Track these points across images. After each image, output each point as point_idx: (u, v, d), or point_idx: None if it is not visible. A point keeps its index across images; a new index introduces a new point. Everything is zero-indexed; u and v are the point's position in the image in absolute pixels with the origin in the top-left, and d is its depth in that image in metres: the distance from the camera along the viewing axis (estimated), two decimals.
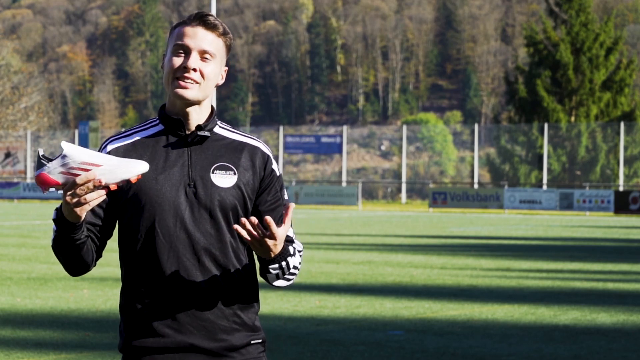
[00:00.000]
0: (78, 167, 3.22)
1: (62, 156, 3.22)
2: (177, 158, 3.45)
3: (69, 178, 3.22)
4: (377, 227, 34.16)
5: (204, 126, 3.47)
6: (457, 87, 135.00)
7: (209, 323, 3.42)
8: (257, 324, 3.53)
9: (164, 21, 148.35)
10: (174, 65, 3.44)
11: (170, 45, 3.48)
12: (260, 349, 3.53)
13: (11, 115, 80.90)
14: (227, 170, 3.46)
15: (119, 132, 3.57)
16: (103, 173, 3.22)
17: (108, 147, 3.50)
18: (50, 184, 3.24)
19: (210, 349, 3.43)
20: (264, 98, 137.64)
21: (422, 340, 10.34)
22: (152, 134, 3.51)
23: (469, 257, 21.30)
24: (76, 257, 3.42)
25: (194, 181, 3.43)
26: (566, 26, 65.96)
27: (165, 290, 3.41)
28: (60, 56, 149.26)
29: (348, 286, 15.25)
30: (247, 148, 3.52)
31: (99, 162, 3.22)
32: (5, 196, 62.55)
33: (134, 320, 3.45)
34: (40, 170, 3.24)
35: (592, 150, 64.10)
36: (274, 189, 3.54)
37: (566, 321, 11.80)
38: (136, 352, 3.45)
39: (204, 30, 3.46)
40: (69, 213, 3.28)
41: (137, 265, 3.43)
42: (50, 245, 3.46)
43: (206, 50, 3.44)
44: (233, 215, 3.46)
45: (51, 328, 10.89)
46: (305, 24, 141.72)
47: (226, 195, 3.43)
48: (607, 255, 22.17)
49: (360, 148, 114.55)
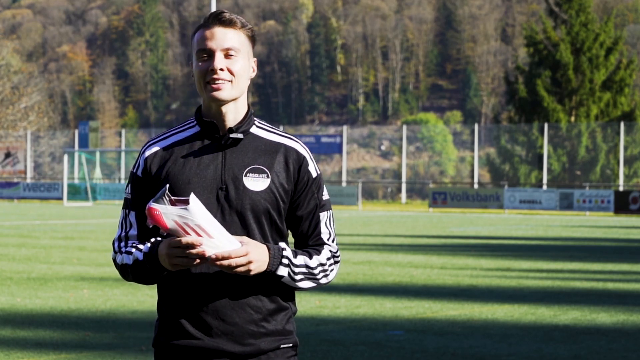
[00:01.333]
0: (193, 227, 3.24)
1: (184, 208, 3.23)
2: (211, 161, 3.44)
3: (179, 231, 3.25)
4: (377, 227, 34.15)
5: (236, 128, 3.44)
6: (457, 87, 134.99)
7: (237, 328, 3.41)
8: (289, 328, 3.50)
9: (164, 21, 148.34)
10: (202, 70, 3.42)
11: (194, 53, 3.46)
12: (290, 353, 3.50)
13: (11, 115, 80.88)
14: (260, 173, 3.43)
15: (157, 134, 3.58)
16: (210, 245, 3.24)
17: (146, 152, 3.51)
18: (159, 224, 3.25)
19: (238, 353, 3.42)
20: (264, 98, 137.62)
21: (422, 340, 10.34)
22: (188, 135, 3.50)
23: (469, 257, 21.30)
24: (149, 281, 3.48)
25: (225, 184, 3.41)
26: (566, 26, 65.96)
27: (194, 293, 3.42)
28: (60, 56, 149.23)
29: (348, 286, 15.25)
30: (282, 149, 3.48)
31: (212, 234, 3.24)
32: (5, 196, 62.52)
33: (167, 319, 3.47)
34: (156, 205, 3.25)
35: (592, 150, 64.10)
36: (310, 192, 3.50)
37: (566, 321, 11.80)
38: (167, 350, 3.47)
39: (222, 29, 3.43)
40: (163, 260, 3.33)
41: (169, 270, 3.42)
42: (119, 264, 3.50)
43: (229, 47, 3.42)
44: (266, 219, 3.43)
45: (51, 328, 10.89)
46: (305, 24, 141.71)
47: (258, 199, 3.40)
48: (607, 255, 22.16)
49: (360, 148, 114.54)
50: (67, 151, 59.98)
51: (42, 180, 72.66)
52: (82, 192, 60.33)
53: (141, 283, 3.48)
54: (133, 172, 3.52)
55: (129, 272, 3.46)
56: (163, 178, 3.43)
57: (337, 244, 3.58)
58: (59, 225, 33.30)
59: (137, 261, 3.41)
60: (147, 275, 3.42)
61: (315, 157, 78.57)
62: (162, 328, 3.49)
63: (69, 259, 19.55)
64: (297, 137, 3.58)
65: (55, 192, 61.26)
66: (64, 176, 58.36)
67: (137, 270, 3.43)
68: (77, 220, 37.23)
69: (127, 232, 3.51)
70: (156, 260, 3.35)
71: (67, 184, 58.98)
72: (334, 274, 3.53)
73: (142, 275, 3.43)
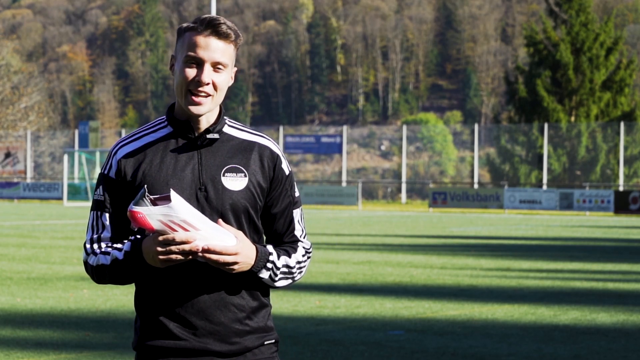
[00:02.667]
0: (179, 223, 3.23)
1: (167, 206, 3.21)
2: (187, 161, 3.43)
3: (166, 230, 3.23)
4: (377, 227, 34.15)
5: (212, 128, 3.44)
6: (457, 87, 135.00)
7: (222, 327, 3.42)
8: (270, 324, 3.53)
9: (164, 21, 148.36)
10: (187, 77, 3.39)
11: (181, 53, 3.43)
12: (273, 349, 3.53)
13: (11, 115, 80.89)
14: (237, 172, 3.44)
15: (127, 135, 3.53)
16: (199, 238, 3.24)
17: (119, 152, 3.47)
18: (144, 227, 3.23)
19: (224, 352, 3.43)
20: (264, 98, 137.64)
21: (422, 340, 10.34)
22: (161, 136, 3.48)
23: (469, 257, 21.30)
24: (126, 281, 3.46)
25: (204, 185, 3.41)
26: (566, 26, 65.96)
27: (178, 293, 3.41)
28: (60, 56, 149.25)
29: (348, 286, 15.25)
30: (256, 147, 3.50)
31: (199, 227, 3.24)
32: (5, 196, 62.53)
33: (149, 320, 3.46)
34: (138, 207, 3.22)
35: (592, 150, 64.10)
36: (284, 189, 3.52)
37: (566, 321, 11.80)
38: (150, 352, 3.46)
39: (217, 41, 3.40)
40: (151, 258, 3.30)
41: (152, 268, 3.41)
42: (93, 265, 3.46)
43: (219, 62, 3.40)
44: (245, 217, 3.44)
45: (51, 328, 10.89)
46: (305, 24, 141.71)
47: (237, 198, 3.42)
48: (607, 255, 22.16)
49: (360, 148, 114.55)
50: (67, 151, 59.98)
51: (42, 180, 72.67)
52: (82, 192, 60.33)
53: (117, 283, 3.46)
54: (104, 173, 3.48)
55: (105, 273, 3.43)
56: (139, 180, 3.41)
57: (309, 240, 3.60)
58: (59, 225, 33.30)
59: (115, 261, 3.39)
60: (126, 275, 3.40)
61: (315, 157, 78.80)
62: (144, 330, 3.47)
63: (69, 259, 19.56)
64: (297, 137, 3.58)
65: (55, 192, 61.27)
66: (64, 176, 58.36)
67: (115, 270, 3.40)
68: (77, 220, 37.22)
69: (100, 234, 3.47)
70: (140, 258, 3.33)
71: (67, 184, 58.98)
72: (305, 269, 3.57)
73: (120, 275, 3.41)
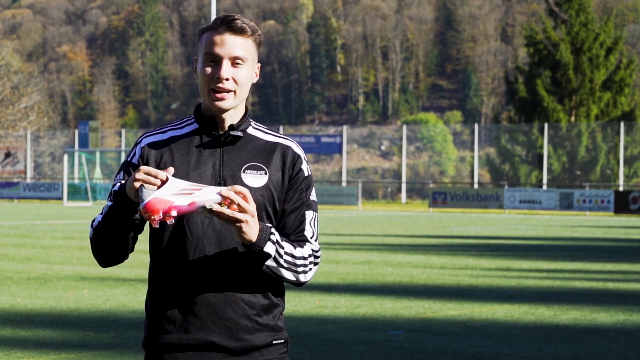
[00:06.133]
0: (188, 187, 3.26)
1: (169, 184, 3.25)
2: (209, 157, 3.47)
3: (182, 197, 3.24)
4: (377, 227, 34.15)
5: (236, 126, 3.48)
6: (457, 87, 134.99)
7: (230, 322, 3.43)
8: (280, 324, 3.53)
9: (164, 21, 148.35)
10: (207, 75, 3.44)
11: (200, 53, 3.48)
12: (282, 350, 3.53)
13: (11, 115, 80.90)
14: (258, 170, 3.47)
15: (154, 128, 3.60)
16: (201, 194, 3.25)
17: (144, 141, 3.52)
18: (163, 209, 3.21)
19: (231, 348, 3.44)
20: (264, 98, 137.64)
21: (422, 340, 10.34)
22: (187, 132, 3.52)
23: (469, 257, 21.30)
24: (122, 241, 3.43)
25: (224, 180, 3.44)
26: (566, 26, 65.97)
27: (188, 287, 3.43)
28: (60, 56, 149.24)
29: (348, 286, 15.25)
30: (279, 147, 3.53)
31: (201, 187, 3.27)
32: (5, 196, 62.53)
33: (158, 316, 3.48)
34: (147, 198, 3.22)
35: (592, 150, 64.10)
36: (299, 188, 3.53)
37: (566, 321, 11.80)
38: (158, 349, 3.48)
39: (232, 36, 3.44)
40: (130, 189, 3.29)
41: (164, 262, 3.46)
42: (92, 232, 3.46)
43: (237, 56, 3.44)
44: (263, 215, 3.46)
45: (51, 328, 10.89)
46: (305, 24, 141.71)
47: (256, 196, 3.43)
48: (607, 255, 22.17)
49: (360, 148, 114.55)
50: (67, 151, 59.97)
51: (42, 180, 72.67)
52: (82, 192, 60.34)
53: (113, 245, 3.43)
54: (128, 160, 3.52)
55: (101, 233, 3.41)
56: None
57: (319, 245, 3.59)
58: (59, 225, 33.30)
59: (107, 211, 3.39)
60: (117, 222, 3.37)
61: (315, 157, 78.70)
62: (153, 326, 3.50)
63: (69, 259, 19.56)
64: (297, 136, 3.60)
65: (55, 192, 61.26)
66: (64, 176, 58.34)
67: (107, 221, 3.38)
68: (77, 220, 37.23)
69: None
70: (124, 195, 3.33)
71: (67, 184, 58.97)
72: (312, 273, 3.55)
73: (113, 226, 3.38)
